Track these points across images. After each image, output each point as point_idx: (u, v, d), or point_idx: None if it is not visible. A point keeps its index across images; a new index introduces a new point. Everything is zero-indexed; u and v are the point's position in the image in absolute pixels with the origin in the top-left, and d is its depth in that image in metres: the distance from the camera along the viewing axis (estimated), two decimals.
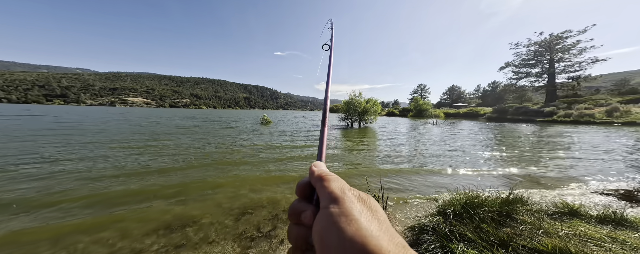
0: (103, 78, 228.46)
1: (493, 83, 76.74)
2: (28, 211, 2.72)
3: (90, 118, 19.52)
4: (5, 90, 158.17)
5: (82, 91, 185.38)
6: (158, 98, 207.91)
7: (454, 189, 3.59)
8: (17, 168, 4.33)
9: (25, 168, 4.35)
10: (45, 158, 5.07)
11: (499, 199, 2.26)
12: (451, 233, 1.89)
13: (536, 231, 1.75)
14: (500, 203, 2.16)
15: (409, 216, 2.75)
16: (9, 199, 3.03)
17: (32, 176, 3.92)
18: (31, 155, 5.31)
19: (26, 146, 6.37)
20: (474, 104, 68.41)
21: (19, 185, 3.51)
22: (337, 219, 0.20)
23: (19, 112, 27.90)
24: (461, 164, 5.43)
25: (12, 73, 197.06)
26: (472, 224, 1.95)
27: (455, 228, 1.94)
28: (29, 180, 3.73)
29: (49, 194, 3.22)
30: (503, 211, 2.04)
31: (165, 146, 6.97)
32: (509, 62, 42.79)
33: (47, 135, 8.72)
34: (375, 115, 17.49)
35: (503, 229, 1.81)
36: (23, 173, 4.06)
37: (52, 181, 3.72)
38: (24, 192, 3.26)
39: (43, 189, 3.39)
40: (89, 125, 12.91)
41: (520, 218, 1.94)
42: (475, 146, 8.19)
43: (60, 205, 2.89)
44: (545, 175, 4.54)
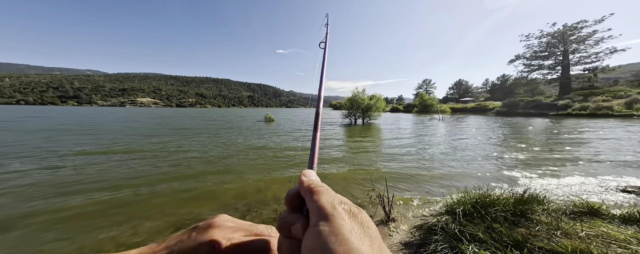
0: (112, 80, 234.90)
1: (502, 77, 74.02)
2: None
3: (108, 118, 20.15)
4: (22, 92, 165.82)
5: (93, 92, 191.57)
6: (165, 98, 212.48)
7: (462, 188, 3.50)
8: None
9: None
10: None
11: (512, 198, 2.16)
12: (461, 233, 1.82)
13: (554, 231, 1.66)
14: (513, 202, 2.07)
15: (415, 214, 2.69)
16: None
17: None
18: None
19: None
20: (482, 98, 66.36)
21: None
22: (327, 239, 0.19)
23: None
24: (469, 161, 5.28)
25: (28, 76, 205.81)
26: (484, 225, 1.87)
27: (466, 228, 1.87)
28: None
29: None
30: (517, 211, 1.95)
31: (181, 148, 7.10)
32: (520, 55, 41.04)
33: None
34: (379, 111, 17.27)
35: (517, 229, 1.72)
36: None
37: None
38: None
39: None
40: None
41: (536, 218, 1.85)
42: (483, 142, 7.95)
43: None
44: (562, 172, 4.34)
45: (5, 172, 4.16)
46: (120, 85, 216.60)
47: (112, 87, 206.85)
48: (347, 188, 3.54)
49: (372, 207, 2.85)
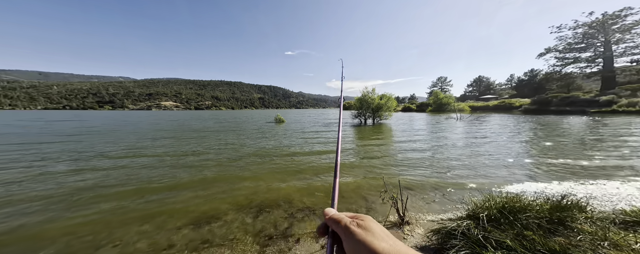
0: (140, 85, 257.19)
1: (530, 72, 67.47)
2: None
3: (148, 121, 22.10)
4: (67, 98, 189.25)
5: (125, 97, 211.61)
6: (185, 101, 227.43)
7: (486, 192, 3.23)
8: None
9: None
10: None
11: (547, 204, 1.93)
12: (485, 239, 1.67)
13: (600, 242, 1.44)
14: (549, 208, 1.84)
15: (432, 218, 2.53)
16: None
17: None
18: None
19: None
20: (506, 95, 61.01)
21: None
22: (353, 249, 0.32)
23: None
24: (492, 164, 4.87)
25: (72, 84, 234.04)
26: (513, 231, 1.69)
27: (491, 234, 1.71)
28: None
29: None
30: (554, 218, 1.73)
31: (203, 149, 7.53)
32: (551, 47, 37.12)
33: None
34: (390, 111, 16.70)
35: (554, 238, 1.53)
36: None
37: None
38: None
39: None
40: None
41: (577, 226, 1.63)
42: (509, 143, 7.29)
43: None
44: (609, 176, 3.81)
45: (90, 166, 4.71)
46: (147, 90, 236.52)
47: (140, 92, 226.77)
48: (358, 191, 3.46)
49: (385, 209, 2.74)
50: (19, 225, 2.53)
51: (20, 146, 7.40)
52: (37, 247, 2.15)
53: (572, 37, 35.12)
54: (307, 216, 2.65)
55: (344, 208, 2.85)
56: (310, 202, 3.02)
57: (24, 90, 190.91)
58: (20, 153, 6.37)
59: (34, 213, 2.81)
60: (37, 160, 5.55)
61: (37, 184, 3.83)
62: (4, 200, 3.18)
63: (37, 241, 2.26)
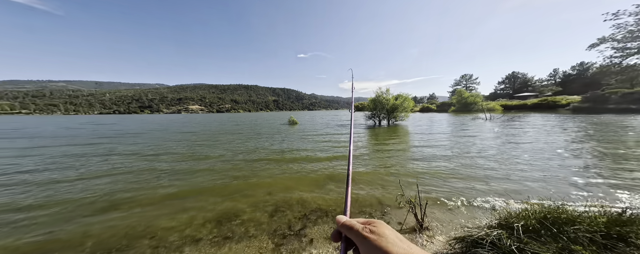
0: (172, 91, 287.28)
1: (580, 66, 58.25)
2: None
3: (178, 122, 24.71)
4: (116, 104, 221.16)
5: (160, 102, 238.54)
6: (208, 104, 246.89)
7: (521, 199, 2.85)
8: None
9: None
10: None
11: (603, 217, 1.63)
12: (521, 251, 1.47)
13: None
14: (606, 222, 1.55)
15: (455, 225, 2.32)
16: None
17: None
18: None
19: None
20: (549, 93, 53.28)
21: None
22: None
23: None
24: (529, 170, 4.29)
25: (120, 91, 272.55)
26: (557, 245, 1.46)
27: (528, 246, 1.50)
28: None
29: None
30: (612, 233, 1.45)
31: (230, 147, 8.09)
32: (606, 37, 31.51)
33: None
34: (406, 111, 15.84)
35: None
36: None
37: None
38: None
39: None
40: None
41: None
42: (553, 146, 6.34)
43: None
44: None
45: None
46: (177, 95, 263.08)
47: (172, 97, 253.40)
48: (373, 193, 3.33)
49: (401, 214, 2.59)
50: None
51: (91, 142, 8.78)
52: (78, 245, 2.51)
53: (634, 24, 29.41)
54: (320, 218, 2.63)
55: (357, 212, 2.77)
56: (324, 204, 3.00)
57: (84, 97, 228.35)
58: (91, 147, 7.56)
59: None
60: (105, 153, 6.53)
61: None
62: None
63: (80, 241, 2.64)
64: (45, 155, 6.85)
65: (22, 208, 3.10)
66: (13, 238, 2.37)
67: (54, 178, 4.41)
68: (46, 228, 2.55)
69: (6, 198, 3.44)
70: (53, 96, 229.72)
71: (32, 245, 2.25)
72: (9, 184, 4.09)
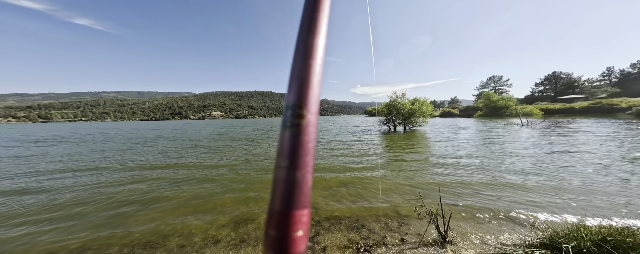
0: (198, 98, 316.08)
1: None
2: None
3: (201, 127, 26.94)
4: (154, 111, 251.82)
5: (188, 110, 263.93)
6: (228, 111, 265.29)
7: (569, 217, 2.42)
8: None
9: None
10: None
11: None
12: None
13: None
14: None
15: (487, 243, 2.04)
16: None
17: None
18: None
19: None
20: (603, 95, 45.71)
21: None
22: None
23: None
24: (579, 181, 3.65)
25: (156, 100, 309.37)
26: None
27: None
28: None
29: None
30: None
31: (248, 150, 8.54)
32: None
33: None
34: (424, 116, 14.93)
35: None
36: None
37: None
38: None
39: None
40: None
41: None
42: (610, 155, 5.34)
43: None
44: None
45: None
46: (202, 102, 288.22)
47: (198, 104, 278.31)
48: (388, 201, 3.14)
49: (421, 224, 2.38)
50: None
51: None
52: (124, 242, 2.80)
53: None
54: (333, 225, 2.57)
55: (372, 221, 2.63)
56: (338, 212, 2.92)
57: (129, 106, 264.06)
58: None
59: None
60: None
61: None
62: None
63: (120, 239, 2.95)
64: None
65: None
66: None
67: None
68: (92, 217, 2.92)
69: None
70: (105, 105, 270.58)
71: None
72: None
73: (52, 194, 3.91)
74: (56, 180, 4.78)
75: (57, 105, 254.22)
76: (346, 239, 2.27)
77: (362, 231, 2.42)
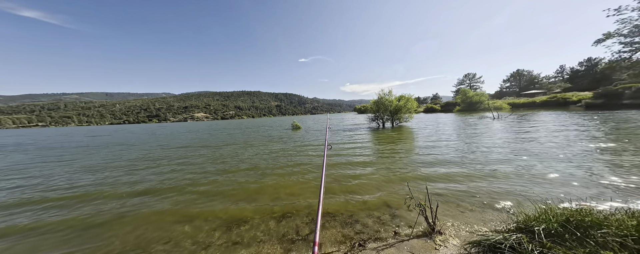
0: (178, 99, 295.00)
1: (588, 61, 56.87)
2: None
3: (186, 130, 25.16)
4: (126, 114, 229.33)
5: (167, 111, 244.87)
6: (213, 112, 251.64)
7: (539, 201, 2.71)
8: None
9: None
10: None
11: (632, 219, 1.52)
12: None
13: None
14: (637, 225, 1.44)
15: (470, 229, 2.22)
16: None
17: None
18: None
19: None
20: (557, 90, 51.89)
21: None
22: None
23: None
24: (546, 169, 4.11)
25: (129, 102, 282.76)
26: (584, 250, 1.36)
27: (552, 251, 1.40)
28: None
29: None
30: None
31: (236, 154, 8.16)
32: (611, 32, 30.80)
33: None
34: (410, 112, 15.70)
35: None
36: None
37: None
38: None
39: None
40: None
41: None
42: (568, 144, 6.09)
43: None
44: None
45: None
46: (183, 103, 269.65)
47: (178, 105, 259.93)
48: (381, 197, 3.25)
49: (411, 217, 2.50)
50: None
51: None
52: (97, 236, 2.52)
53: (639, 18, 28.69)
54: (327, 222, 2.58)
55: (366, 215, 2.70)
56: (331, 208, 2.95)
57: (96, 109, 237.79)
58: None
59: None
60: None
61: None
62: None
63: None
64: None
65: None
66: None
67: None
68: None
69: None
70: (67, 108, 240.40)
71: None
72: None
73: None
74: None
75: (6, 109, 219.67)
76: (341, 235, 2.30)
77: (356, 226, 2.46)
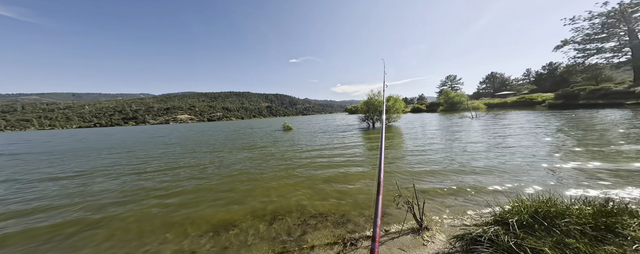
0: (159, 100, 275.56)
1: (549, 65, 63.57)
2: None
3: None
4: (97, 116, 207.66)
5: (146, 113, 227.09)
6: (198, 113, 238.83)
7: (513, 194, 2.96)
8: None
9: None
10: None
11: (589, 209, 1.71)
12: (518, 246, 1.50)
13: None
14: (593, 213, 1.63)
15: (454, 223, 2.35)
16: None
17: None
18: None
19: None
20: (525, 91, 57.46)
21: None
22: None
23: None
24: (518, 166, 4.50)
25: (100, 103, 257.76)
26: (551, 239, 1.51)
27: (525, 241, 1.54)
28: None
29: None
30: (600, 225, 1.52)
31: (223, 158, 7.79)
32: (567, 39, 35.06)
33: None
34: (398, 113, 16.32)
35: (604, 247, 1.34)
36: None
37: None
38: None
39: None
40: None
41: (630, 234, 1.41)
42: (537, 142, 6.73)
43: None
44: None
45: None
46: (165, 104, 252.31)
47: (159, 107, 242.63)
48: (371, 193, 3.32)
49: (401, 214, 2.59)
50: None
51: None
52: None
53: (589, 27, 33.08)
54: (319, 222, 2.58)
55: (357, 214, 2.74)
56: (323, 209, 2.95)
57: (61, 111, 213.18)
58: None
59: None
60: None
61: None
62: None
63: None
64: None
65: None
66: None
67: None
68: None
69: None
70: (25, 110, 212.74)
71: None
72: None
73: None
74: None
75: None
76: (333, 236, 2.31)
77: (348, 225, 2.49)
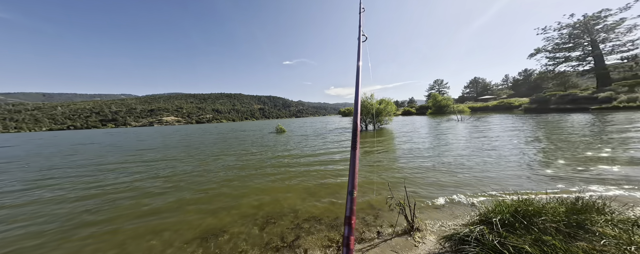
0: (142, 101, 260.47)
1: (524, 72, 68.94)
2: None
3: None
4: (71, 118, 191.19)
5: (127, 115, 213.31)
6: (186, 115, 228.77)
7: (497, 194, 3.13)
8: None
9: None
10: None
11: (562, 207, 1.86)
12: (502, 245, 1.59)
13: (626, 247, 1.36)
14: (565, 211, 1.77)
15: (443, 224, 2.43)
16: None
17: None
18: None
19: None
20: (504, 95, 61.74)
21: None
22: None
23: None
24: (499, 166, 4.78)
25: (75, 104, 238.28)
26: (530, 237, 1.61)
27: (507, 239, 1.63)
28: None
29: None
30: (572, 222, 1.65)
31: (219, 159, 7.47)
32: (540, 48, 38.45)
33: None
34: (390, 115, 16.80)
35: (576, 243, 1.45)
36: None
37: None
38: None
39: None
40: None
41: (598, 230, 1.55)
42: (515, 143, 7.20)
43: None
44: (623, 176, 3.69)
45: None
46: (149, 106, 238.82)
47: (142, 108, 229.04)
48: (365, 198, 3.36)
49: (393, 216, 2.64)
50: None
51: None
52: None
53: (558, 37, 36.52)
54: (313, 226, 2.57)
55: None
56: (317, 212, 2.93)
57: (29, 112, 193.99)
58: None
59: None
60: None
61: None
62: None
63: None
64: None
65: None
66: None
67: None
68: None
69: None
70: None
71: None
72: None
73: None
74: None
75: None
76: (327, 239, 2.30)
77: (342, 228, 2.50)
